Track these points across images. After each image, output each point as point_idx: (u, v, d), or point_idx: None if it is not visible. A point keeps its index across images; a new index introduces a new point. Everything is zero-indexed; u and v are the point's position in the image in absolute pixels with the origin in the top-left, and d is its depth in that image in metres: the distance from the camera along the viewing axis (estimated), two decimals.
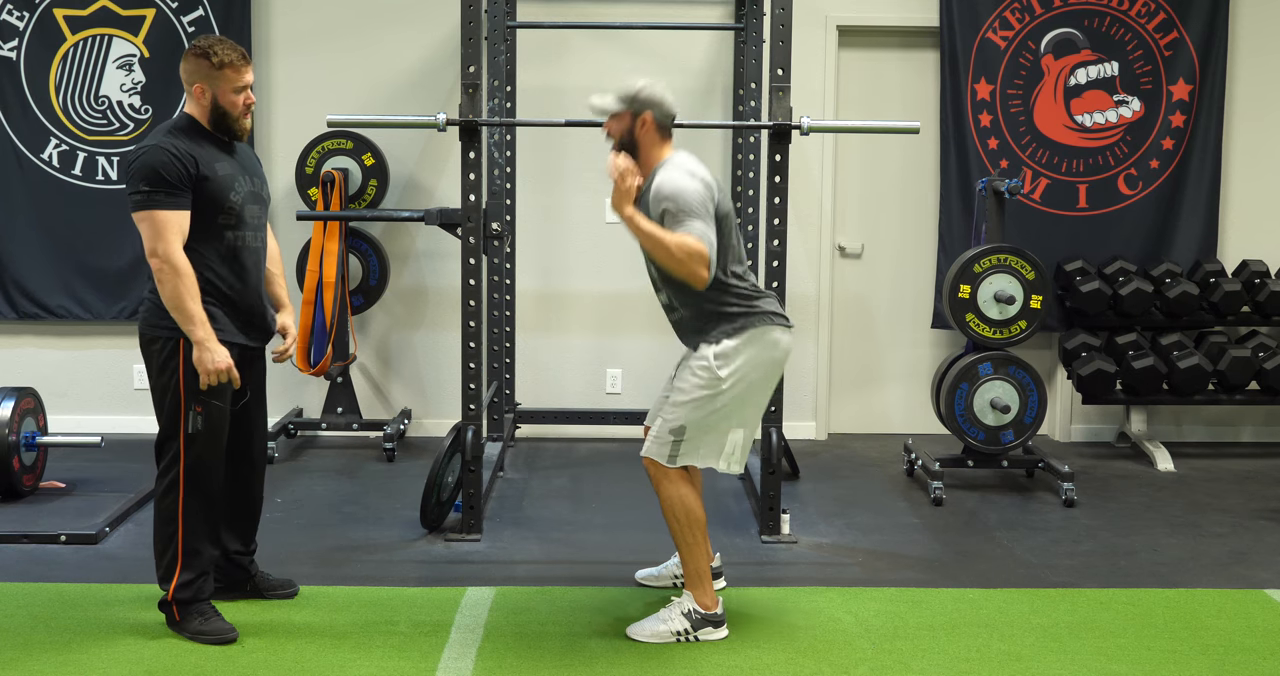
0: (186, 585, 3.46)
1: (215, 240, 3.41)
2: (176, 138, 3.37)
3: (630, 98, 3.52)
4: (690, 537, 3.53)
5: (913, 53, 6.19)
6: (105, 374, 6.13)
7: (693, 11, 6.03)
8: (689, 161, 3.52)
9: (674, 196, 3.39)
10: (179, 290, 3.29)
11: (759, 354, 3.52)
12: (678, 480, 3.53)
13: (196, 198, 3.35)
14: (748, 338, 3.50)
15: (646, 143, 3.53)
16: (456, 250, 5.35)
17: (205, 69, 3.39)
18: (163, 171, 3.29)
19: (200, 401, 3.39)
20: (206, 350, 3.32)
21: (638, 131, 3.52)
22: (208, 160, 3.38)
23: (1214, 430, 6.28)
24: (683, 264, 3.35)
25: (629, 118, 3.53)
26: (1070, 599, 3.91)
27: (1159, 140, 6.04)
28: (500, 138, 5.60)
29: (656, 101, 3.52)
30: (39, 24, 5.88)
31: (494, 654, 3.40)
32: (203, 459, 3.43)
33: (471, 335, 4.52)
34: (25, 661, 3.32)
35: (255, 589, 3.77)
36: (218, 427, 3.45)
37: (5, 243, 5.97)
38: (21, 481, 4.81)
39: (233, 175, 3.43)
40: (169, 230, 3.29)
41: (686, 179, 3.42)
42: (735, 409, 3.52)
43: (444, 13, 5.91)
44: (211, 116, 3.44)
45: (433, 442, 5.89)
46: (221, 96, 3.41)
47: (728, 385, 3.48)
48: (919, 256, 6.26)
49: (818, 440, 6.24)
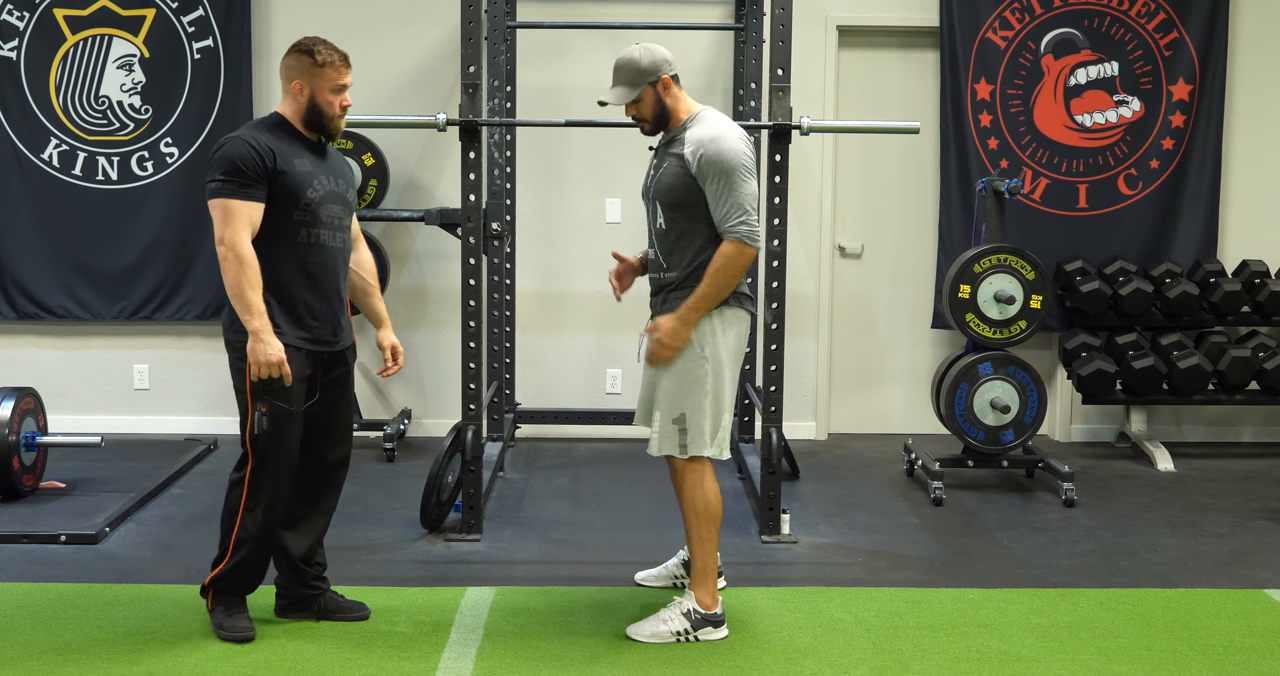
0: (225, 577, 3.47)
1: (289, 236, 3.39)
2: (260, 131, 3.39)
3: (640, 73, 3.48)
4: (705, 532, 3.53)
5: (913, 53, 6.19)
6: (105, 374, 6.14)
7: (693, 11, 6.03)
8: (721, 118, 3.51)
9: (717, 158, 3.38)
10: (240, 279, 3.27)
11: (733, 333, 3.52)
12: (706, 475, 3.52)
13: (272, 191, 3.34)
14: (725, 318, 3.50)
15: (672, 100, 3.52)
16: (456, 250, 5.35)
17: (307, 65, 3.40)
18: (239, 162, 3.30)
19: (265, 402, 3.37)
20: (260, 341, 3.27)
21: (665, 98, 3.51)
22: (288, 156, 3.38)
23: (1214, 430, 6.28)
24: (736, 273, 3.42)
25: (650, 91, 3.50)
26: (1070, 599, 3.91)
27: (1159, 140, 6.04)
28: (500, 138, 5.61)
29: (661, 61, 3.49)
30: (39, 24, 5.88)
31: (494, 654, 3.40)
32: (266, 460, 3.39)
33: (471, 335, 4.52)
34: (25, 661, 3.32)
35: (323, 609, 3.63)
36: (282, 429, 3.39)
37: (5, 243, 5.97)
38: (21, 481, 4.81)
39: (312, 173, 3.42)
40: (238, 219, 3.29)
41: (729, 140, 3.41)
42: (716, 389, 3.51)
43: (444, 13, 5.92)
44: (306, 114, 3.43)
45: (433, 442, 5.89)
46: (319, 94, 3.41)
47: (711, 365, 3.48)
48: (919, 256, 6.26)
49: (818, 440, 6.24)
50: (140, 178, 5.97)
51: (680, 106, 3.53)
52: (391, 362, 3.67)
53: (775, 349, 4.51)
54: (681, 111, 3.53)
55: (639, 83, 3.48)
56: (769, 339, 4.51)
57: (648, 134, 3.59)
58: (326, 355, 3.50)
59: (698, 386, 3.48)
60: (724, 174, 3.39)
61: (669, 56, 3.52)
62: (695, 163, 3.41)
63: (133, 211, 5.96)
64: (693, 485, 3.53)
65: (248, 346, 3.30)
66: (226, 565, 3.46)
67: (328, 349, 3.49)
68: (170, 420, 6.12)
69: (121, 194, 5.98)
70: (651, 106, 3.51)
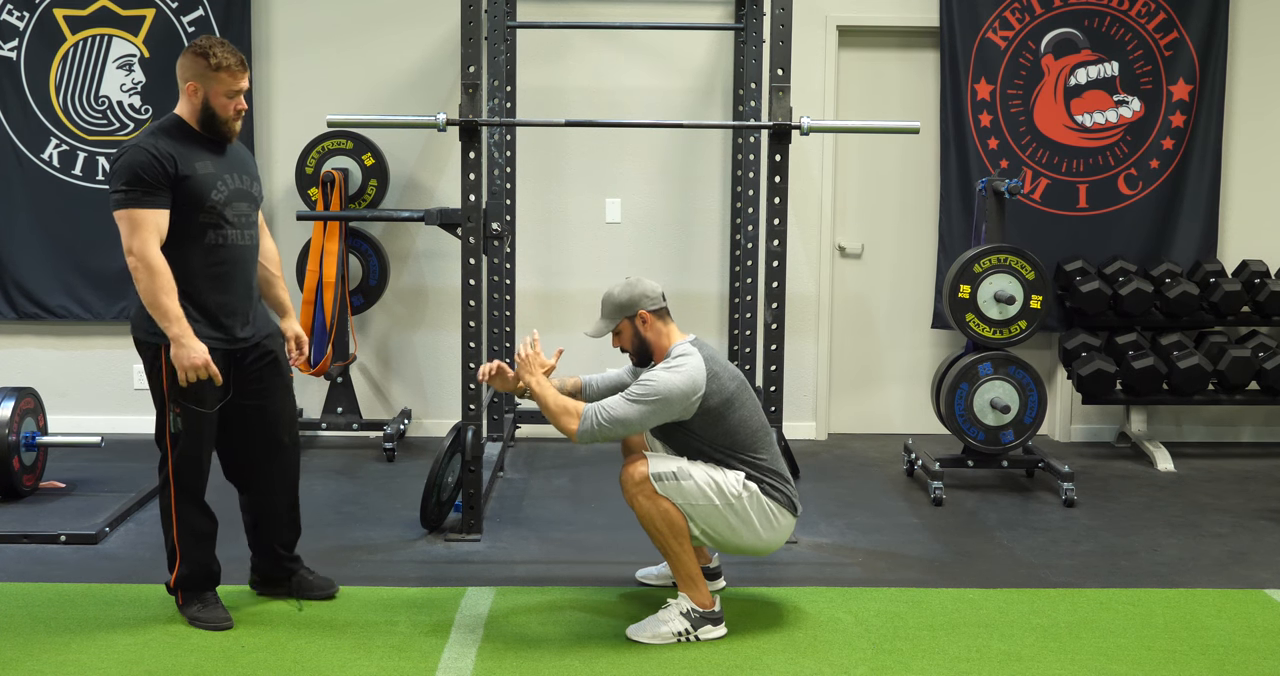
0: (185, 577, 3.59)
1: (197, 238, 3.44)
2: (159, 138, 3.41)
3: (617, 308, 3.61)
4: (676, 545, 3.52)
5: (913, 53, 6.19)
6: (105, 374, 6.13)
7: (693, 11, 6.03)
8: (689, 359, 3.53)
9: (645, 380, 3.49)
10: (154, 287, 3.32)
11: (761, 510, 3.54)
12: (652, 493, 3.50)
13: (176, 196, 3.38)
14: (766, 492, 3.56)
15: (654, 336, 3.63)
16: (456, 250, 5.35)
17: (201, 68, 3.42)
18: (141, 171, 3.33)
19: (177, 403, 3.44)
20: (183, 346, 3.34)
21: (644, 332, 3.62)
22: (189, 159, 3.40)
23: (1214, 430, 6.28)
24: (552, 416, 3.52)
25: (629, 325, 3.63)
26: (1070, 599, 3.91)
27: (1159, 140, 6.04)
28: (500, 138, 5.60)
29: (639, 296, 3.60)
30: (39, 24, 5.88)
31: (494, 654, 3.40)
32: (185, 457, 3.50)
33: (471, 335, 4.52)
34: (25, 661, 3.32)
35: (295, 587, 3.80)
36: (196, 428, 3.48)
37: (5, 243, 5.97)
38: (21, 481, 4.81)
39: (215, 174, 3.45)
40: (145, 228, 3.33)
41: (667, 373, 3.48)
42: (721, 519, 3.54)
43: (444, 13, 5.92)
44: (201, 116, 3.47)
45: (433, 442, 5.89)
46: (213, 98, 3.44)
47: (737, 506, 3.52)
48: (919, 256, 6.26)
49: (818, 440, 6.24)
50: None
51: (663, 341, 3.63)
52: (296, 352, 3.76)
53: (775, 349, 4.51)
54: (663, 346, 3.62)
55: (617, 316, 3.62)
56: (769, 339, 4.51)
57: (634, 365, 3.73)
58: (240, 351, 3.57)
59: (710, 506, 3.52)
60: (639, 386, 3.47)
61: (652, 292, 3.61)
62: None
63: None
64: (644, 503, 3.50)
65: (171, 352, 3.36)
66: (181, 567, 3.58)
67: (242, 345, 3.56)
68: None
69: None
70: (630, 339, 3.65)
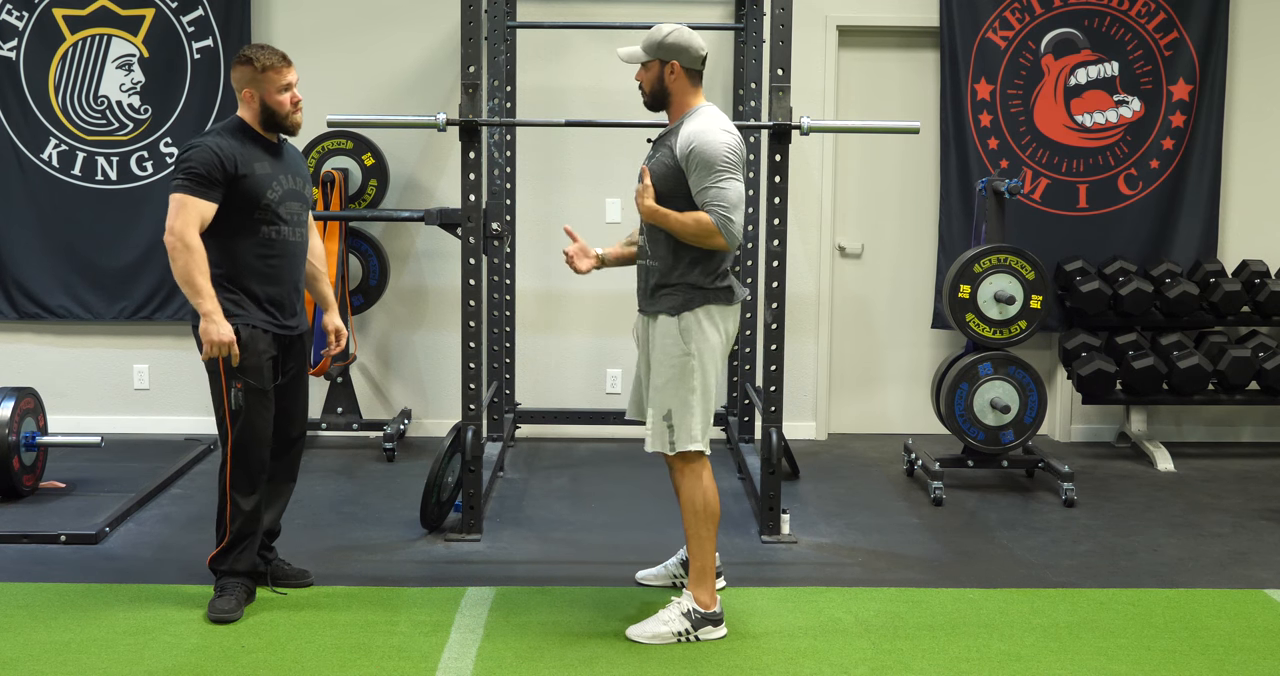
0: (220, 556, 3.72)
1: (252, 233, 3.65)
2: (224, 137, 3.65)
3: (656, 46, 3.54)
4: (704, 530, 3.54)
5: (913, 53, 6.19)
6: (105, 374, 6.13)
7: (693, 11, 6.03)
8: (718, 116, 3.54)
9: (701, 150, 3.42)
10: (189, 264, 3.50)
11: (720, 329, 3.55)
12: (703, 472, 3.55)
13: (234, 193, 3.59)
14: (711, 315, 3.53)
15: (677, 90, 3.57)
16: (456, 250, 5.35)
17: (250, 74, 3.67)
18: (202, 166, 3.55)
19: (238, 378, 3.60)
20: (212, 322, 3.52)
21: (667, 80, 3.56)
22: (248, 160, 3.63)
23: (1214, 430, 6.28)
24: (699, 239, 3.45)
25: (657, 67, 3.57)
26: (1070, 599, 3.91)
27: (1159, 140, 6.04)
28: (500, 138, 5.60)
29: (683, 47, 3.54)
30: (38, 24, 5.88)
31: (494, 654, 3.40)
32: (245, 434, 3.65)
33: (471, 335, 4.52)
34: (25, 661, 3.32)
35: (270, 576, 3.87)
36: (257, 404, 3.65)
37: (5, 243, 5.97)
38: (21, 481, 4.81)
39: (271, 174, 3.68)
40: (190, 212, 3.53)
41: (716, 133, 3.45)
42: (703, 385, 3.54)
43: (444, 13, 5.91)
44: (262, 117, 3.70)
45: (433, 442, 5.89)
46: (268, 98, 3.68)
47: (698, 361, 3.51)
48: (919, 256, 6.26)
49: (818, 440, 6.24)
50: (140, 178, 5.97)
51: (684, 98, 3.59)
52: (335, 344, 3.97)
53: (775, 349, 4.51)
54: (685, 103, 3.58)
55: (652, 53, 3.56)
56: (769, 339, 4.51)
57: (646, 106, 3.67)
58: (287, 338, 3.76)
59: (685, 383, 3.52)
60: (706, 167, 3.43)
61: (695, 49, 3.55)
62: (682, 154, 3.46)
63: (132, 211, 5.96)
64: (690, 483, 3.56)
65: (200, 328, 3.53)
66: (223, 546, 3.70)
67: (289, 333, 3.75)
68: (170, 420, 6.12)
69: (121, 194, 5.98)
70: (651, 81, 3.59)
